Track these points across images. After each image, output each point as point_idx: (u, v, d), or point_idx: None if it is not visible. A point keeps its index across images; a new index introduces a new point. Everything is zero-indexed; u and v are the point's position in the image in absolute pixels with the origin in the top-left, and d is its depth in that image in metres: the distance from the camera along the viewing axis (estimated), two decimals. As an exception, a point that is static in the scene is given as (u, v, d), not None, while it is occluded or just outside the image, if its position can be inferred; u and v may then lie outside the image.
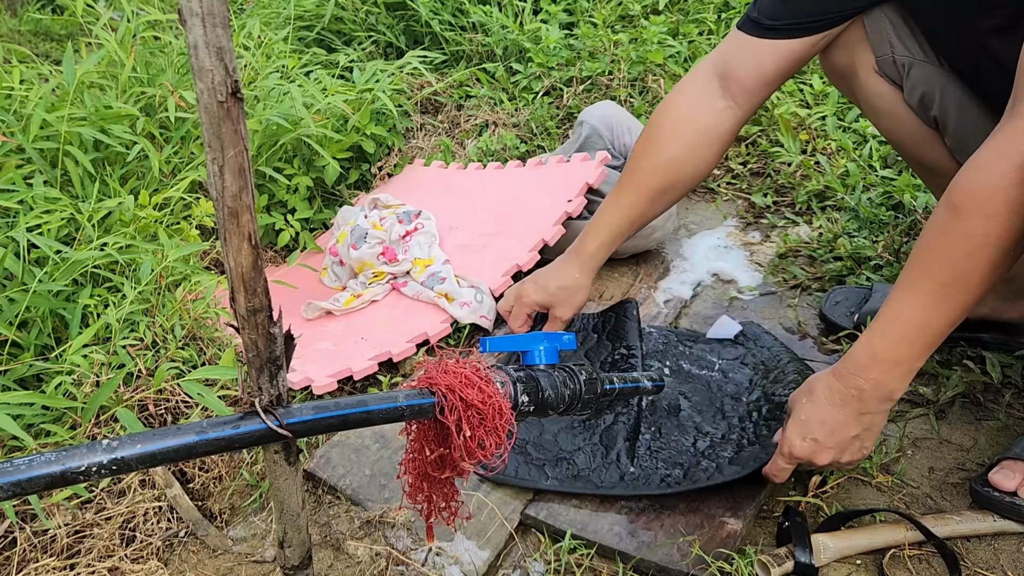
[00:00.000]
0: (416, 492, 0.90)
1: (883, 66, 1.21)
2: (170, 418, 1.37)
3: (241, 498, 1.33)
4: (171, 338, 1.43)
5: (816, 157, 2.02)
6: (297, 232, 2.04)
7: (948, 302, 0.92)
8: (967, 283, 0.91)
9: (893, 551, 1.11)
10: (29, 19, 3.92)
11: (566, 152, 1.99)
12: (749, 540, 1.16)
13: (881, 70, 1.22)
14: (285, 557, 0.85)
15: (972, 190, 0.90)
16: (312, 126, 2.00)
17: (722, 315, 1.55)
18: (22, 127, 1.71)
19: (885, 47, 1.20)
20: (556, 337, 1.00)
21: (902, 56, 1.19)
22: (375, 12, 2.76)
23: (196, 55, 0.56)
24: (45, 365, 1.33)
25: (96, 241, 1.47)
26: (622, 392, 1.07)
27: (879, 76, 1.23)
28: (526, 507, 1.23)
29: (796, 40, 1.21)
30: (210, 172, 0.60)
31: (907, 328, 0.96)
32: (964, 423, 1.32)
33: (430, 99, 2.54)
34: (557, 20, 2.62)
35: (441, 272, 1.75)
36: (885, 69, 1.21)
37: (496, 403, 0.82)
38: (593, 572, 1.15)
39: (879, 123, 1.30)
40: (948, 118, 1.19)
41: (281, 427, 0.70)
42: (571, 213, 1.76)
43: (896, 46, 1.19)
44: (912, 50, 1.18)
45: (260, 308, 0.66)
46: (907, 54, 1.18)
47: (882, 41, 1.20)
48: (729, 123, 1.28)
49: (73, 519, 1.23)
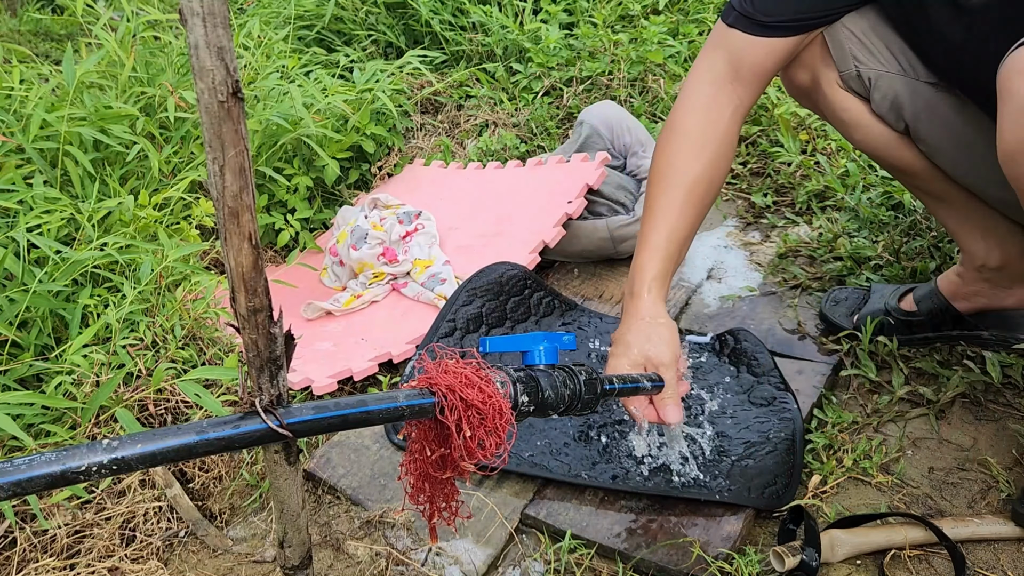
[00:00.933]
0: (418, 492, 0.90)
1: (847, 80, 1.22)
2: (170, 418, 1.37)
3: (241, 498, 1.33)
4: (171, 338, 1.43)
5: (816, 157, 2.02)
6: (297, 232, 2.05)
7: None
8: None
9: (894, 551, 1.11)
10: (29, 19, 3.93)
11: (566, 152, 1.99)
12: (749, 540, 1.16)
13: (846, 84, 1.23)
14: (285, 557, 0.85)
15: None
16: (312, 126, 2.00)
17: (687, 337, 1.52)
18: (22, 127, 1.71)
19: (848, 62, 1.21)
20: (556, 337, 1.00)
21: (867, 69, 1.20)
22: (375, 12, 2.76)
23: (197, 55, 0.56)
24: (45, 365, 1.33)
25: (96, 241, 1.47)
26: (622, 392, 1.07)
27: (844, 90, 1.24)
28: (526, 507, 1.23)
29: (795, 37, 1.21)
30: (210, 172, 0.60)
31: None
32: (964, 423, 1.32)
33: (430, 99, 2.54)
34: (557, 20, 2.62)
35: (441, 273, 1.75)
36: (850, 83, 1.22)
37: (496, 403, 0.82)
38: (593, 572, 1.15)
39: (848, 134, 1.31)
40: (920, 123, 1.20)
41: (281, 427, 0.70)
42: (571, 214, 1.76)
43: (860, 59, 1.20)
44: (877, 62, 1.19)
45: (260, 308, 0.66)
46: (872, 66, 1.19)
47: (845, 56, 1.21)
48: (739, 121, 1.28)
49: (73, 519, 1.23)
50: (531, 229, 1.79)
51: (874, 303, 1.48)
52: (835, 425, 1.32)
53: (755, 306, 1.63)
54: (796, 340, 1.52)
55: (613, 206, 1.82)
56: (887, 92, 1.20)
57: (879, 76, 1.19)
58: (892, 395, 1.36)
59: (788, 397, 1.33)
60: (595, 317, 1.63)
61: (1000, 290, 1.36)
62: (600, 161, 1.86)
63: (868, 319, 1.43)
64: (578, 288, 1.75)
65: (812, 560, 1.05)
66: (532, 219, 1.82)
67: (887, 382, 1.39)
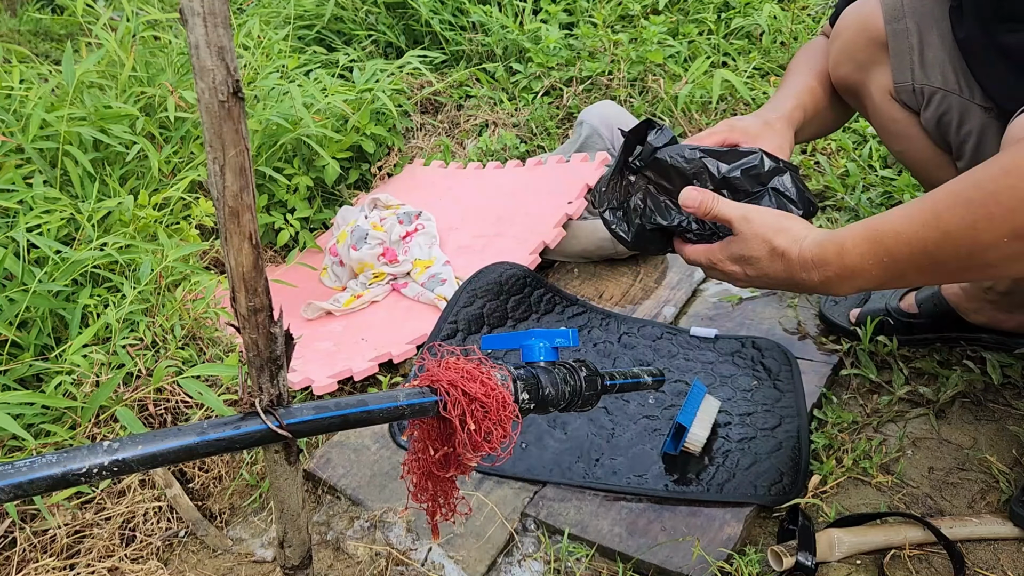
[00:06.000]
0: (420, 491, 0.90)
1: (901, 92, 1.18)
2: (170, 418, 1.37)
3: (241, 498, 1.33)
4: (171, 338, 1.43)
5: (816, 157, 2.02)
6: (297, 231, 2.05)
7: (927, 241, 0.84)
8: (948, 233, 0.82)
9: (893, 551, 1.11)
10: (29, 19, 3.92)
11: (566, 152, 1.99)
12: (749, 540, 1.16)
13: (898, 96, 1.18)
14: (285, 557, 0.85)
15: (1010, 141, 0.82)
16: (312, 126, 2.00)
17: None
18: (22, 127, 1.70)
19: (906, 73, 1.16)
20: (557, 334, 1.00)
21: (923, 84, 1.15)
22: (375, 11, 2.76)
23: (197, 55, 0.56)
24: (45, 365, 1.33)
25: (96, 241, 1.47)
26: (623, 388, 1.07)
27: (894, 101, 1.20)
28: (526, 507, 1.23)
29: None
30: (211, 172, 0.60)
31: (884, 244, 0.88)
32: (964, 423, 1.32)
33: (430, 99, 2.53)
34: (557, 20, 2.62)
35: (441, 273, 1.75)
36: (903, 96, 1.18)
37: (499, 395, 0.82)
38: (593, 572, 1.15)
39: (890, 143, 1.27)
40: (966, 144, 1.16)
41: (281, 427, 0.70)
42: (571, 215, 1.76)
43: (918, 74, 1.15)
44: (936, 77, 1.14)
45: (261, 308, 0.66)
46: (930, 82, 1.14)
47: (904, 67, 1.16)
48: None
49: (73, 519, 1.23)
50: (531, 229, 1.79)
51: (874, 302, 1.48)
52: (835, 425, 1.32)
53: (755, 306, 1.63)
54: (796, 340, 1.52)
55: (613, 206, 1.82)
56: (939, 108, 1.15)
57: (934, 92, 1.14)
58: (892, 395, 1.36)
59: (793, 394, 1.33)
60: (597, 313, 1.63)
61: (1002, 312, 1.36)
62: (600, 161, 1.86)
63: (868, 319, 1.43)
64: (578, 288, 1.75)
65: (807, 561, 1.06)
66: (532, 219, 1.82)
67: (887, 382, 1.39)
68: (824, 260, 0.91)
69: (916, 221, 0.84)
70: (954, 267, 0.84)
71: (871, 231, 0.88)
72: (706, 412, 1.23)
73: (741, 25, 2.51)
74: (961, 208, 0.80)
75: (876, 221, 0.88)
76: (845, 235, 0.90)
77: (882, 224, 0.87)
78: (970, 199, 0.79)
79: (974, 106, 1.12)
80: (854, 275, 0.90)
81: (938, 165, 1.22)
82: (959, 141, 1.15)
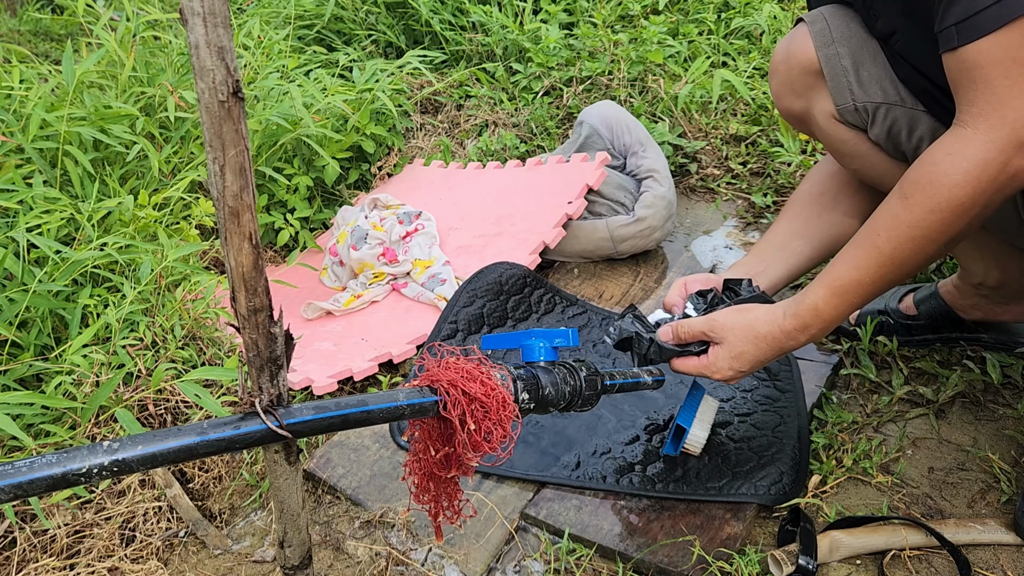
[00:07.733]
0: (422, 492, 0.90)
1: (844, 114, 1.19)
2: (170, 418, 1.37)
3: (241, 498, 1.33)
4: (171, 338, 1.43)
5: (816, 157, 2.02)
6: (297, 231, 2.05)
7: (886, 277, 1.02)
8: (903, 263, 1.00)
9: (894, 552, 1.11)
10: (29, 19, 3.93)
11: (566, 152, 1.99)
12: (749, 540, 1.16)
13: (842, 117, 1.19)
14: (285, 557, 0.85)
15: (921, 185, 0.96)
16: (312, 126, 2.00)
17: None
18: (22, 127, 1.70)
19: (845, 95, 1.17)
20: (556, 334, 1.00)
21: (864, 101, 1.16)
22: (375, 11, 2.77)
23: (197, 55, 0.56)
24: (45, 365, 1.33)
25: (96, 241, 1.47)
26: (623, 388, 1.07)
27: (839, 123, 1.21)
28: (526, 507, 1.23)
29: None
30: (211, 172, 0.60)
31: (851, 294, 1.04)
32: (964, 423, 1.32)
33: (430, 99, 2.54)
34: (557, 20, 2.62)
35: (441, 273, 1.75)
36: (847, 116, 1.19)
37: (499, 395, 0.82)
38: (593, 572, 1.15)
39: (844, 163, 1.28)
40: (921, 150, 1.15)
41: (281, 427, 0.70)
42: (571, 215, 1.76)
43: (857, 93, 1.16)
44: (873, 92, 1.15)
45: (261, 308, 0.66)
46: (870, 98, 1.16)
47: (842, 89, 1.17)
48: None
49: (73, 519, 1.23)
50: (531, 229, 1.79)
51: (873, 303, 1.48)
52: (835, 425, 1.32)
53: (755, 306, 1.62)
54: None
55: (613, 206, 1.82)
56: (885, 122, 1.16)
57: (877, 107, 1.15)
58: (892, 395, 1.36)
59: (793, 394, 1.33)
60: (597, 313, 1.63)
61: (997, 306, 1.37)
62: (600, 161, 1.86)
63: (868, 319, 1.43)
64: (578, 288, 1.75)
65: (809, 565, 1.06)
66: (532, 219, 1.82)
67: (887, 382, 1.39)
68: (806, 324, 1.06)
69: (871, 265, 1.01)
70: (910, 275, 1.03)
71: (835, 288, 1.04)
72: (706, 412, 1.23)
73: (741, 25, 2.51)
74: (907, 244, 0.98)
75: (834, 278, 1.04)
76: (814, 298, 1.05)
77: (841, 278, 1.03)
78: (912, 237, 0.97)
79: (919, 112, 1.13)
80: (834, 322, 1.06)
81: (895, 176, 1.23)
82: (912, 147, 1.16)
